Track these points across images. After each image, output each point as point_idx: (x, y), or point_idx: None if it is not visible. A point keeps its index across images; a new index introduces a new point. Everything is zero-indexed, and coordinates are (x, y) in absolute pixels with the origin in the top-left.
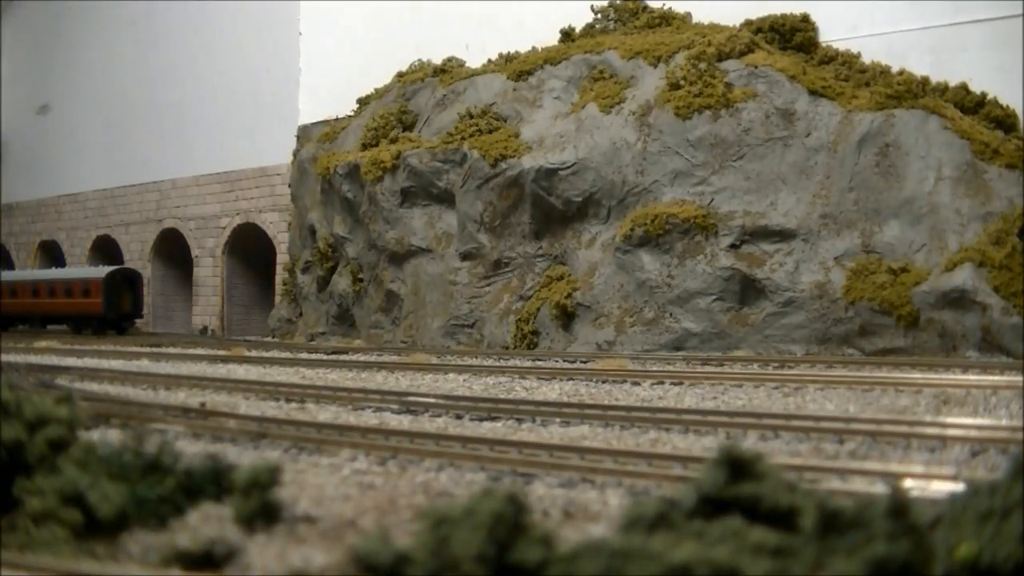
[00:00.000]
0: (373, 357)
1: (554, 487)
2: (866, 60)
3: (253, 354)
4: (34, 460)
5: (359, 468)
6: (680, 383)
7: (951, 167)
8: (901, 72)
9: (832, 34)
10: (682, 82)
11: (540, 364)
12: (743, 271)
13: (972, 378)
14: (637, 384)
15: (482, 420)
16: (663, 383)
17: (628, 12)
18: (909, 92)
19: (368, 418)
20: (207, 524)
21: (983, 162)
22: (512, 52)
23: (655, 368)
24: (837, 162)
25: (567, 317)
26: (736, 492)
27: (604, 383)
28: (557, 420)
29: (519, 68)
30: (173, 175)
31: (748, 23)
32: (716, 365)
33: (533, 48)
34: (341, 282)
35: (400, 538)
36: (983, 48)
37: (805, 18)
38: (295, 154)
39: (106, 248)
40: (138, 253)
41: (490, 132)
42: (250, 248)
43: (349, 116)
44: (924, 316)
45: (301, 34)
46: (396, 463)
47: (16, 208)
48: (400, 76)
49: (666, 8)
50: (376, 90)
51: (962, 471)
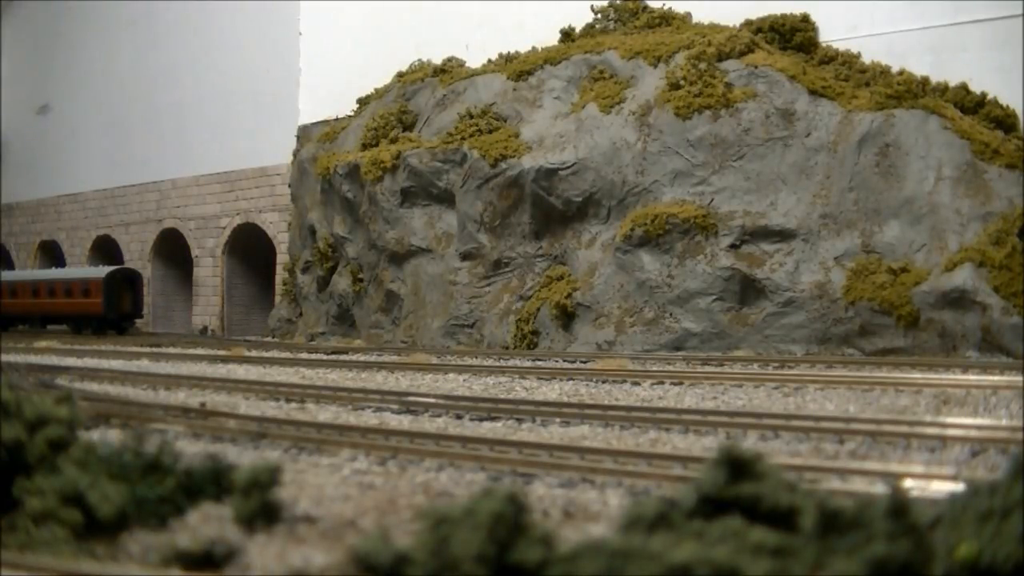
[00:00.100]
0: (373, 357)
1: (554, 487)
2: (866, 60)
3: (253, 354)
4: (34, 460)
5: (359, 468)
6: (680, 383)
7: (951, 167)
8: (901, 72)
9: (832, 34)
10: (682, 82)
11: (540, 364)
12: (743, 271)
13: (972, 378)
14: (637, 384)
15: (482, 420)
16: (663, 383)
17: (628, 12)
18: (909, 92)
19: (368, 418)
20: (207, 524)
21: (983, 162)
22: (512, 52)
23: (655, 368)
24: (837, 162)
25: (567, 317)
26: (736, 492)
27: (604, 383)
28: (557, 420)
29: (519, 68)
30: (173, 175)
31: (748, 23)
32: (716, 365)
33: (533, 48)
34: (341, 282)
35: (400, 538)
36: (983, 48)
37: (805, 18)
38: (295, 154)
39: (106, 248)
40: (138, 253)
41: (490, 132)
42: (250, 248)
43: (349, 116)
44: (924, 316)
45: (301, 34)
46: (396, 463)
47: (16, 208)
48: (400, 76)
49: (666, 8)
50: (376, 90)
51: (962, 471)
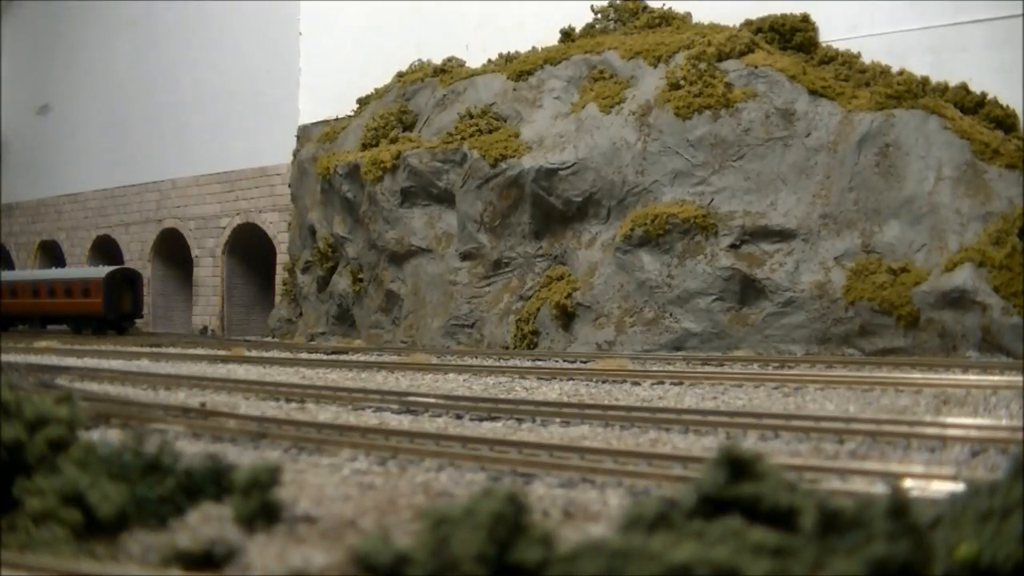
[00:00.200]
0: (373, 357)
1: (554, 487)
2: (866, 60)
3: (253, 354)
4: (34, 460)
5: (359, 468)
6: (680, 383)
7: (951, 167)
8: (901, 72)
9: (832, 34)
10: (682, 82)
11: (540, 364)
12: (743, 271)
13: (972, 378)
14: (637, 384)
15: (482, 420)
16: (663, 383)
17: (628, 12)
18: (909, 92)
19: (368, 418)
20: (207, 524)
21: (983, 162)
22: (512, 52)
23: (655, 368)
24: (837, 162)
25: (567, 317)
26: (736, 492)
27: (604, 383)
28: (557, 420)
29: (519, 68)
30: (173, 175)
31: (748, 23)
32: (716, 365)
33: (533, 48)
34: (341, 282)
35: (400, 538)
36: (983, 48)
37: (805, 18)
38: (295, 154)
39: (106, 248)
40: (138, 253)
41: (490, 132)
42: (250, 248)
43: (349, 116)
44: (924, 316)
45: (301, 34)
46: (396, 463)
47: (16, 208)
48: (400, 76)
49: (666, 8)
50: (376, 90)
51: (962, 471)
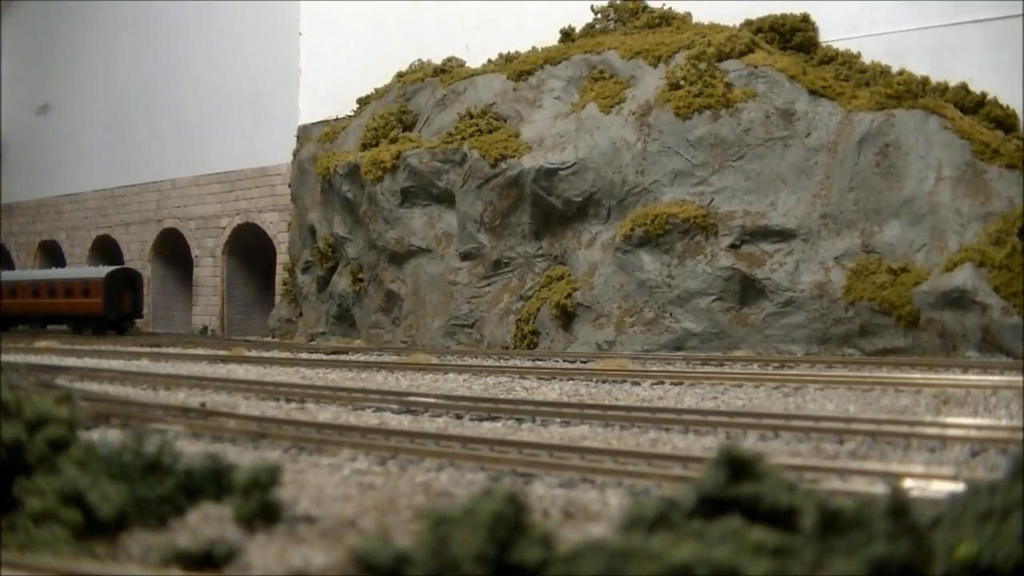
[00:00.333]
0: (373, 357)
1: (554, 487)
2: (866, 60)
3: (253, 354)
4: (34, 460)
5: (359, 468)
6: (680, 383)
7: (951, 167)
8: (901, 72)
9: (832, 34)
10: (682, 82)
11: (540, 364)
12: (743, 271)
13: (972, 378)
14: (637, 384)
15: (482, 420)
16: (663, 383)
17: (628, 12)
18: (909, 92)
19: (368, 418)
20: (207, 524)
21: (983, 162)
22: (512, 52)
23: (655, 368)
24: (837, 162)
25: (567, 317)
26: (736, 492)
27: (604, 383)
28: (557, 420)
29: (519, 68)
30: (173, 175)
31: (748, 23)
32: (716, 365)
33: (533, 48)
34: (341, 282)
35: (400, 538)
36: (983, 48)
37: (805, 18)
38: (295, 154)
39: (106, 248)
40: (138, 253)
41: (490, 132)
42: (250, 248)
43: (349, 116)
44: (924, 316)
45: (301, 34)
46: (396, 463)
47: (16, 208)
48: (400, 76)
49: (666, 8)
50: (376, 90)
51: (962, 471)
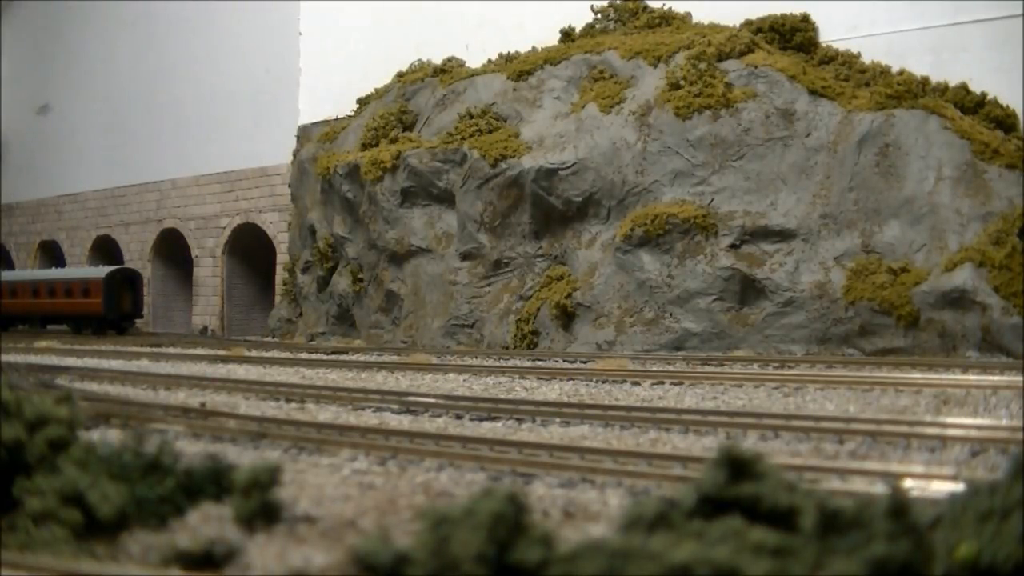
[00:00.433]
0: (373, 357)
1: (554, 487)
2: (866, 60)
3: (253, 354)
4: (34, 460)
5: (359, 468)
6: (680, 383)
7: (951, 167)
8: (901, 72)
9: (832, 34)
10: (682, 82)
11: (540, 364)
12: (743, 271)
13: (972, 378)
14: (637, 384)
15: (482, 420)
16: (663, 383)
17: (628, 12)
18: (909, 92)
19: (368, 418)
20: (207, 524)
21: (983, 162)
22: (512, 52)
23: (655, 368)
24: (837, 162)
25: (567, 317)
26: (736, 492)
27: (604, 383)
28: (557, 420)
29: (519, 68)
30: (173, 175)
31: (748, 23)
32: (716, 365)
33: (533, 48)
34: (341, 282)
35: (400, 538)
36: (983, 48)
37: (805, 18)
38: (295, 154)
39: (106, 248)
40: (138, 253)
41: (490, 132)
42: (250, 248)
43: (349, 116)
44: (924, 316)
45: (301, 34)
46: (396, 463)
47: (16, 208)
48: (400, 76)
49: (666, 8)
50: (376, 90)
51: (962, 471)
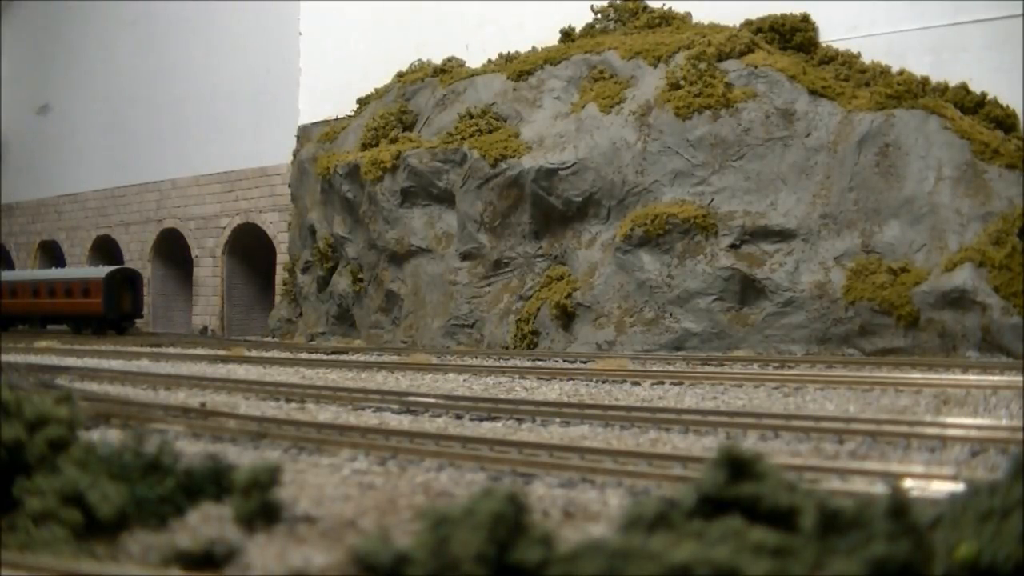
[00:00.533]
0: (373, 357)
1: (554, 487)
2: (866, 60)
3: (253, 354)
4: (34, 460)
5: (359, 468)
6: (680, 383)
7: (951, 167)
8: (901, 72)
9: (832, 34)
10: (682, 82)
11: (540, 364)
12: (743, 271)
13: (972, 378)
14: (637, 384)
15: (482, 420)
16: (663, 383)
17: (628, 12)
18: (909, 92)
19: (368, 418)
20: (207, 524)
21: (983, 162)
22: (512, 52)
23: (655, 368)
24: (837, 162)
25: (567, 317)
26: (736, 492)
27: (604, 383)
28: (557, 420)
29: (519, 68)
30: (173, 175)
31: (748, 23)
32: (716, 365)
33: (533, 48)
34: (341, 282)
35: (400, 538)
36: (983, 48)
37: (805, 18)
38: (295, 154)
39: (106, 248)
40: (138, 253)
41: (490, 132)
42: (250, 248)
43: (349, 116)
44: (924, 316)
45: (301, 34)
46: (396, 463)
47: (16, 208)
48: (400, 76)
49: (666, 8)
50: (376, 90)
51: (962, 471)
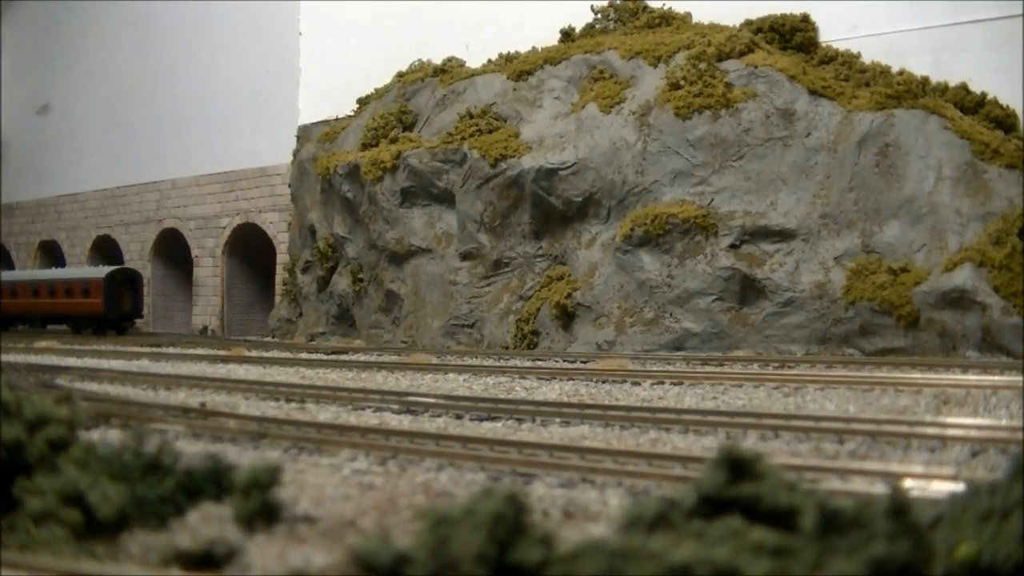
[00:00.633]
0: (373, 357)
1: (554, 487)
2: (866, 60)
3: (253, 354)
4: (34, 460)
5: (359, 468)
6: (680, 383)
7: (951, 167)
8: (901, 72)
9: (832, 34)
10: (682, 82)
11: (540, 364)
12: (743, 271)
13: (972, 378)
14: (637, 384)
15: (482, 420)
16: (663, 383)
17: (628, 12)
18: (909, 92)
19: (368, 418)
20: (207, 524)
21: (983, 162)
22: (512, 52)
23: (655, 368)
24: (837, 162)
25: (567, 317)
26: (736, 492)
27: (604, 383)
28: (557, 420)
29: (519, 68)
30: (173, 175)
31: (748, 23)
32: (716, 365)
33: (533, 48)
34: (341, 282)
35: (400, 538)
36: (983, 48)
37: (805, 18)
38: (295, 154)
39: (106, 248)
40: (138, 253)
41: (490, 132)
42: (250, 248)
43: (349, 116)
44: (924, 316)
45: (301, 34)
46: (396, 463)
47: (16, 208)
48: (400, 76)
49: (666, 8)
50: (376, 90)
51: (962, 471)
